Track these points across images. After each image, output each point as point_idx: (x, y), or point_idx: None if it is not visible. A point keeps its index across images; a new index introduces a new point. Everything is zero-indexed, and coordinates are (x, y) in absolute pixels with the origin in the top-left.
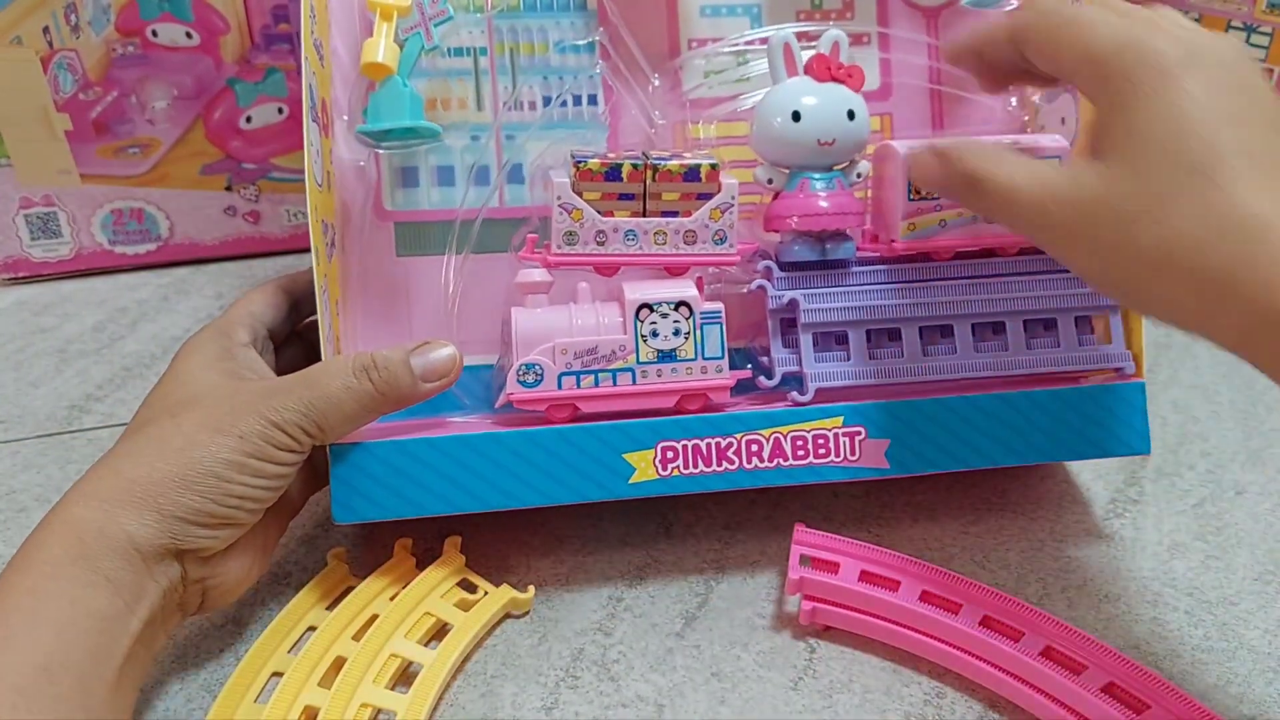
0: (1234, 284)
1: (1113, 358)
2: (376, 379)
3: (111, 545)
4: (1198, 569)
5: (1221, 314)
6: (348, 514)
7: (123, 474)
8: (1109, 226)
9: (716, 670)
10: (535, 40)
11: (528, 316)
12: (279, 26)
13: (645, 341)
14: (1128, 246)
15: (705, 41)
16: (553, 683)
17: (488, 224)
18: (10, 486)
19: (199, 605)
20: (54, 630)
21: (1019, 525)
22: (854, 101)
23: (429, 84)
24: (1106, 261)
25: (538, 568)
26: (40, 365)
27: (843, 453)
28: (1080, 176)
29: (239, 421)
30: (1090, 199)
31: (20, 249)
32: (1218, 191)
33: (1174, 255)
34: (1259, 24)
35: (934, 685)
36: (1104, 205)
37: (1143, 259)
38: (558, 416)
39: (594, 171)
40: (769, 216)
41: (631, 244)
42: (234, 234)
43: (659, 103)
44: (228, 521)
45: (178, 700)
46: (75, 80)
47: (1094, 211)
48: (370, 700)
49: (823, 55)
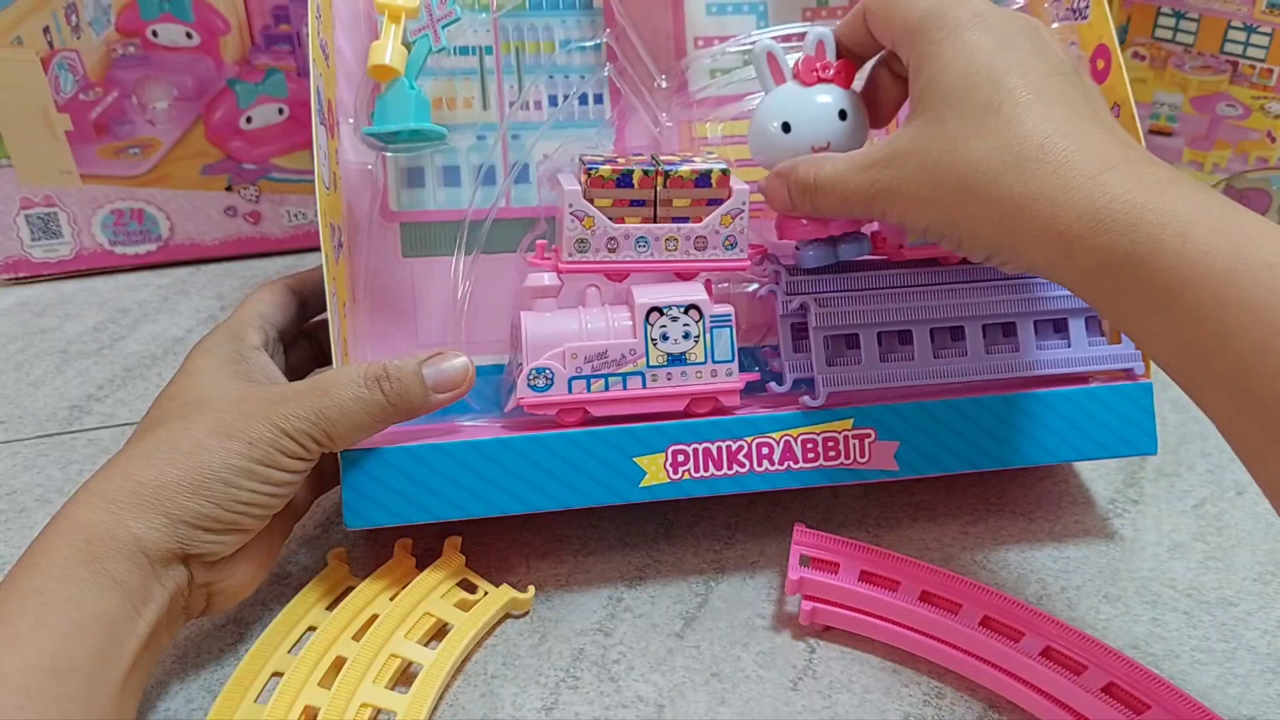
0: (1028, 207)
1: (1123, 358)
2: (388, 390)
3: (119, 548)
4: (1198, 569)
5: (1023, 239)
6: (359, 519)
7: (131, 477)
8: (922, 175)
9: (716, 670)
10: (541, 39)
11: (537, 321)
12: (279, 27)
13: (655, 345)
14: (939, 187)
15: (711, 40)
16: (553, 683)
17: (494, 224)
18: (11, 487)
19: (204, 608)
20: (61, 632)
21: (1019, 525)
22: (845, 100)
23: (434, 83)
24: (930, 209)
25: (538, 568)
26: (41, 365)
27: (853, 455)
28: (894, 141)
29: (249, 428)
30: (903, 154)
31: (21, 249)
32: (1007, 124)
33: (975, 186)
34: (1259, 24)
35: (934, 685)
36: (914, 156)
37: (952, 197)
38: (568, 420)
39: (605, 178)
40: (780, 225)
41: (643, 250)
42: (234, 234)
43: (665, 103)
44: (234, 527)
45: (178, 700)
46: (76, 80)
47: (908, 164)
48: (370, 700)
49: (809, 58)
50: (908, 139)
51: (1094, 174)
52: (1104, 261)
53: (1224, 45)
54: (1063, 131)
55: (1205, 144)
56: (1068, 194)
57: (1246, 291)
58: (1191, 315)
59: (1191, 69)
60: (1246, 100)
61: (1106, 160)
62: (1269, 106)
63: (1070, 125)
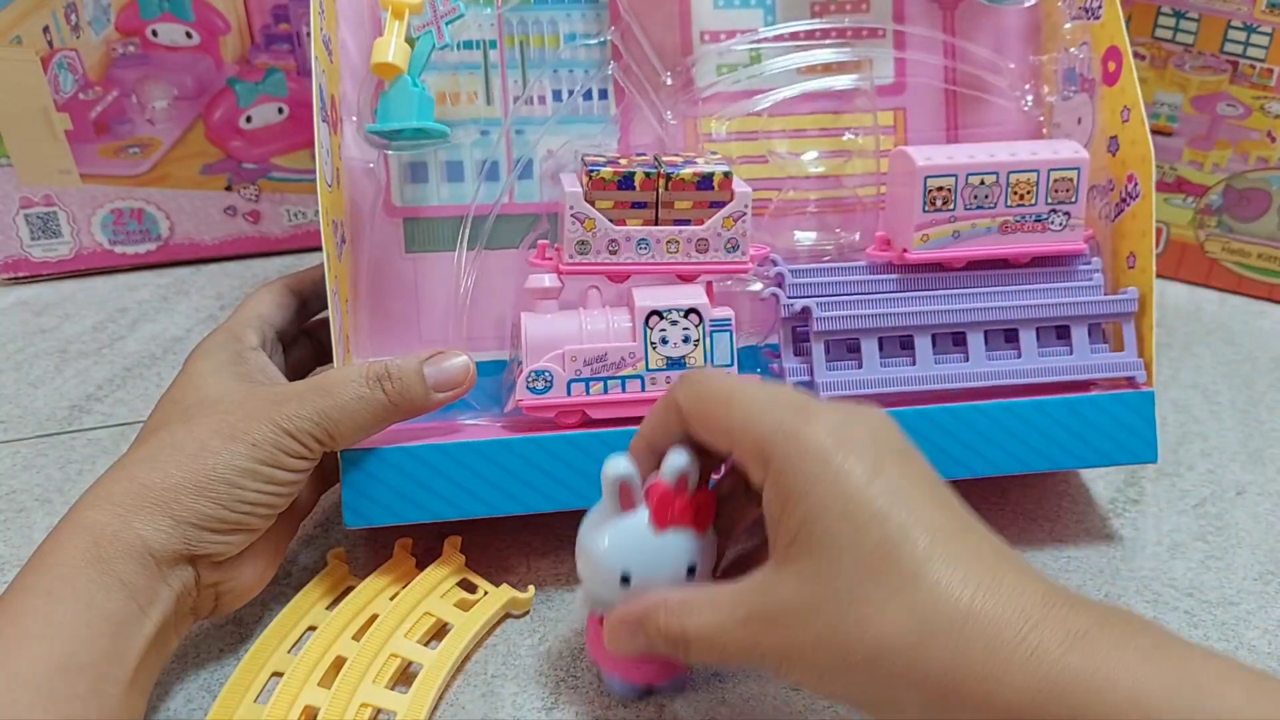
0: (959, 686)
1: (1125, 366)
2: (389, 389)
3: (126, 549)
4: (1198, 569)
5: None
6: (359, 519)
7: (137, 479)
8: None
9: (717, 670)
10: (545, 33)
11: (538, 323)
12: (279, 26)
13: (655, 349)
14: (844, 658)
15: (718, 35)
16: (553, 683)
17: (498, 220)
18: (10, 486)
19: (212, 609)
20: (69, 632)
21: (1019, 525)
22: (698, 552)
23: (438, 78)
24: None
25: (538, 568)
26: (40, 365)
27: None
28: (773, 591)
29: (252, 428)
30: (791, 614)
31: (20, 249)
32: (912, 583)
33: (890, 663)
34: (1259, 24)
35: None
36: (805, 617)
37: (862, 671)
38: (567, 422)
39: (607, 180)
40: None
41: (644, 253)
42: (234, 234)
43: (671, 100)
44: (240, 527)
45: (178, 700)
46: (75, 80)
47: (799, 628)
48: (370, 700)
49: (666, 494)
50: (792, 593)
51: (1022, 635)
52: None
53: (1224, 45)
54: (975, 584)
55: (1205, 144)
56: (999, 666)
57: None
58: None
59: (1192, 69)
60: (1247, 100)
61: (1027, 613)
62: (1269, 106)
63: (977, 573)
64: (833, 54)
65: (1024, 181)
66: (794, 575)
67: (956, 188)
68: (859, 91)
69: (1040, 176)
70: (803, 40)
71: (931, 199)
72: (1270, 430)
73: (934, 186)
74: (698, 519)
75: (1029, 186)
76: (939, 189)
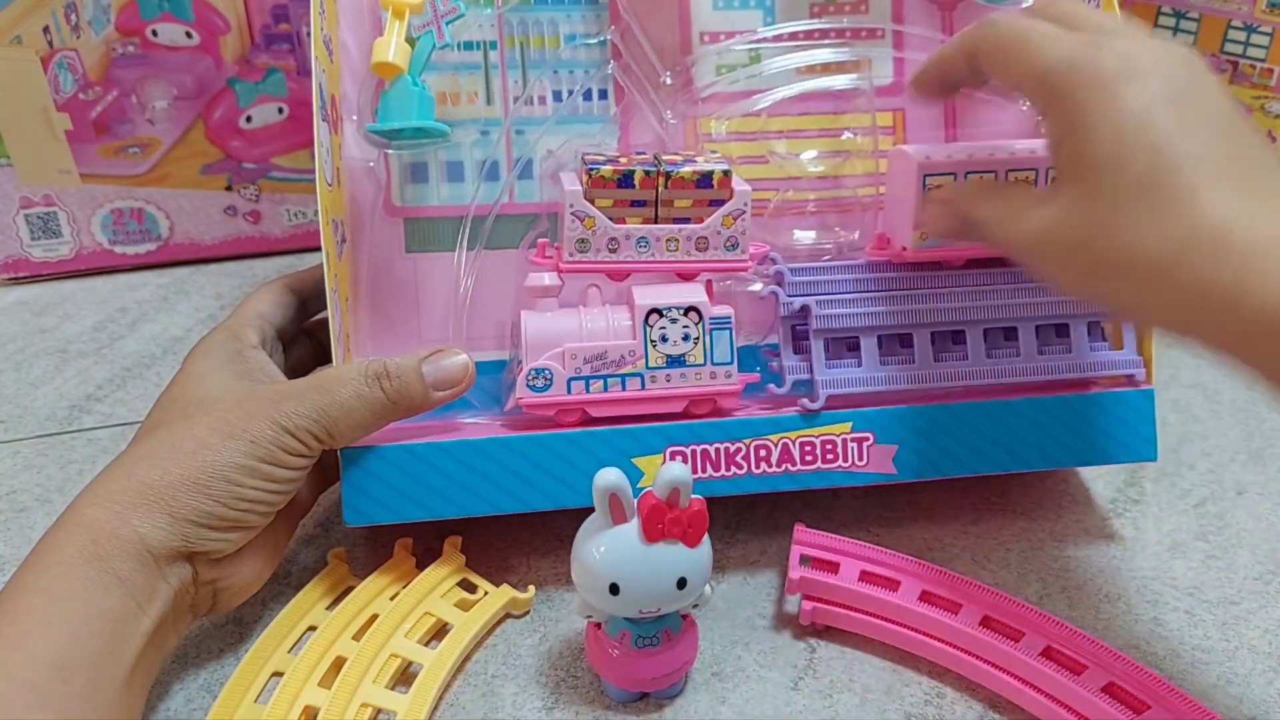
0: (1209, 296)
1: (1124, 364)
2: (388, 387)
3: (124, 547)
4: (1198, 569)
5: (1197, 327)
6: (358, 517)
7: (135, 476)
8: (1076, 254)
9: (717, 670)
10: (546, 34)
11: (537, 321)
12: (279, 26)
13: (654, 346)
14: (1096, 266)
15: (718, 35)
16: (553, 683)
17: (498, 220)
18: (10, 486)
19: (210, 607)
20: (67, 629)
21: (1019, 525)
22: (687, 566)
23: (438, 78)
24: (1085, 283)
25: (538, 568)
26: (40, 365)
27: (850, 458)
28: (1045, 208)
29: (250, 426)
30: (1058, 227)
31: (20, 249)
32: (1171, 206)
33: (1139, 275)
34: (1259, 24)
35: (934, 685)
36: (1069, 231)
37: (1111, 279)
38: (567, 421)
39: (606, 178)
40: (590, 652)
41: (644, 251)
42: (234, 234)
43: (670, 100)
44: (238, 524)
45: (178, 700)
46: (75, 80)
47: (1064, 239)
48: (370, 700)
49: (658, 506)
50: (1054, 219)
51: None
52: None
53: (1224, 45)
54: (1235, 213)
55: None
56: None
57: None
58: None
59: None
60: (1247, 100)
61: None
62: (1269, 106)
63: (1241, 204)
64: (832, 54)
65: (1022, 180)
66: (1059, 202)
67: None
68: (858, 91)
69: (1039, 175)
70: (802, 40)
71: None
72: (1271, 429)
73: (933, 185)
74: (688, 533)
75: None
76: (938, 187)
